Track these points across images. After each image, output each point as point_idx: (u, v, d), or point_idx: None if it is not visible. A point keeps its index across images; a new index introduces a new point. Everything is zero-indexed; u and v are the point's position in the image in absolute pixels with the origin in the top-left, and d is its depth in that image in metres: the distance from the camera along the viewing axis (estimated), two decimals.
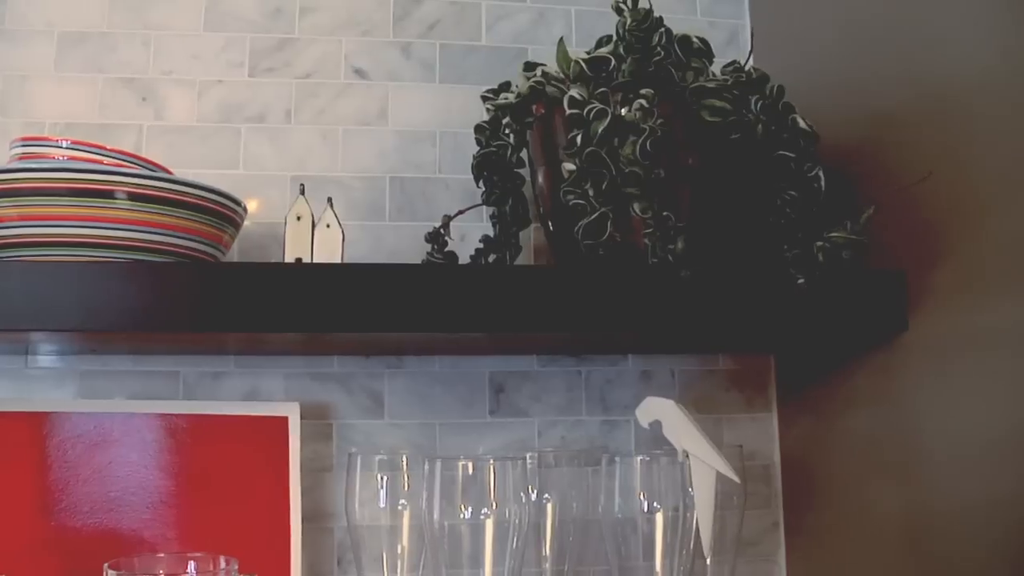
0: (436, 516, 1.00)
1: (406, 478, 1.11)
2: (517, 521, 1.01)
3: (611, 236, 0.97)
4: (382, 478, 1.12)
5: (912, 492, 1.08)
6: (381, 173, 1.33)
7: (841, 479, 1.22)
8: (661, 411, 1.07)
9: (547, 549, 1.18)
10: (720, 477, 1.07)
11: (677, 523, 1.08)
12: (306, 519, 1.21)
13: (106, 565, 1.01)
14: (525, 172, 1.17)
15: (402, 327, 0.97)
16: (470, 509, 0.99)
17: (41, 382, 1.25)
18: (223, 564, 1.02)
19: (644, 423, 1.09)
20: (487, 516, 0.99)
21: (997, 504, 0.96)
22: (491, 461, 0.99)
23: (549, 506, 1.17)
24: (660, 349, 1.34)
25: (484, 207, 1.18)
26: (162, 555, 1.09)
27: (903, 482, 1.09)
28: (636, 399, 1.32)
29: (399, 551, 1.12)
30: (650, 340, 1.21)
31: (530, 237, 1.29)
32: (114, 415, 1.22)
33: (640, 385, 1.35)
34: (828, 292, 1.05)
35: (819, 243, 1.01)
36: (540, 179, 1.13)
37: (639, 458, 1.07)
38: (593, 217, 0.97)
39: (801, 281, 1.01)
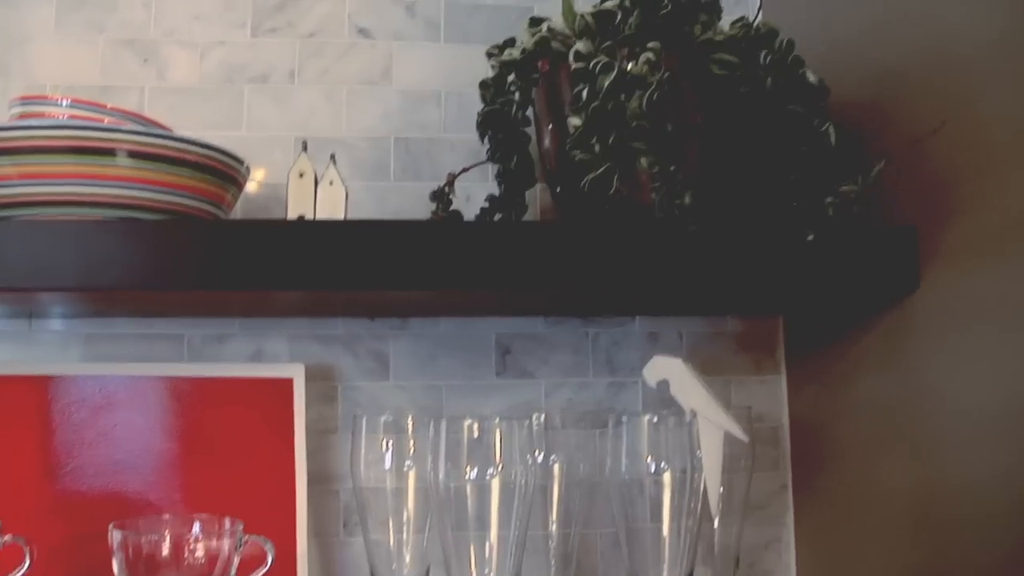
0: (441, 477, 0.99)
1: (412, 440, 1.11)
2: (523, 482, 1.00)
3: (617, 191, 0.96)
4: (387, 440, 1.11)
5: (922, 459, 1.07)
6: (386, 133, 1.31)
7: (850, 443, 1.21)
8: (668, 370, 1.06)
9: (553, 512, 1.17)
10: (728, 438, 1.06)
11: (684, 484, 1.06)
12: (312, 481, 1.21)
13: (111, 525, 1.00)
14: (531, 132, 1.16)
15: (406, 285, 0.96)
16: (476, 470, 0.98)
17: (45, 345, 1.24)
18: (228, 525, 1.02)
19: (651, 382, 1.08)
20: (493, 477, 0.98)
21: (1010, 473, 0.95)
22: (497, 421, 0.98)
23: (555, 468, 1.16)
24: (667, 311, 1.33)
25: (490, 165, 1.17)
26: (167, 516, 1.09)
27: (913, 448, 1.08)
28: (643, 361, 1.30)
29: (405, 513, 1.11)
30: (657, 299, 1.19)
31: (536, 197, 1.27)
32: (119, 378, 1.21)
33: (647, 347, 1.33)
34: (837, 249, 1.03)
35: (829, 198, 0.99)
36: (546, 137, 1.12)
37: (646, 418, 1.05)
38: (599, 172, 0.95)
39: (811, 237, 1.00)
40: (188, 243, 0.94)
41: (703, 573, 1.15)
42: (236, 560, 1.02)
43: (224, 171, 1.03)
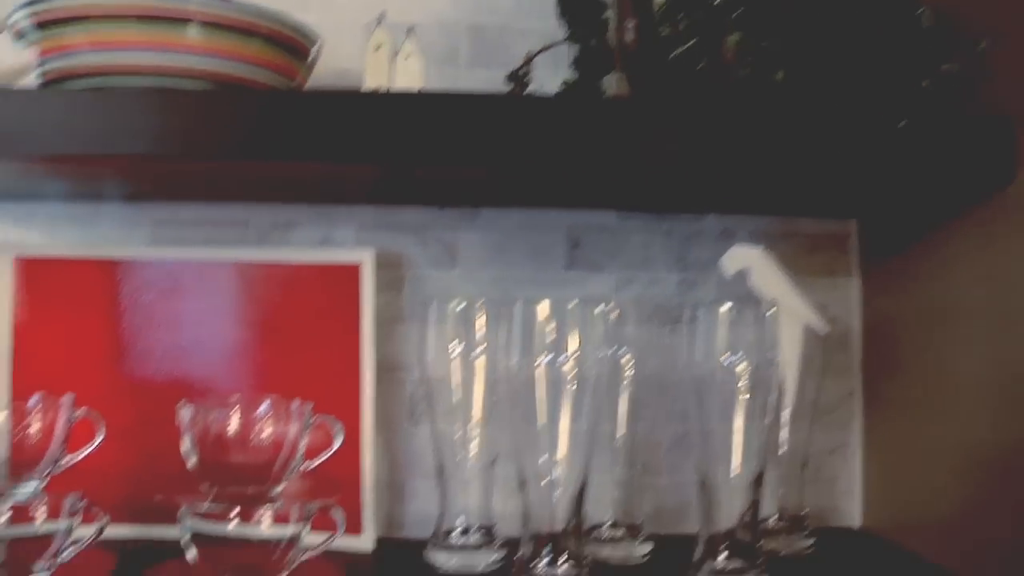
0: (513, 363, 0.97)
1: (482, 327, 1.09)
2: (596, 371, 0.98)
3: (704, 69, 0.93)
4: (457, 327, 1.10)
5: (1003, 367, 1.03)
6: (458, 19, 1.28)
7: (925, 349, 1.18)
8: (749, 259, 1.03)
9: (621, 406, 1.15)
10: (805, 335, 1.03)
11: (759, 380, 1.03)
12: (377, 370, 1.19)
13: (181, 402, 1.00)
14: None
15: (482, 161, 0.93)
16: (549, 356, 0.96)
17: (113, 229, 1.24)
18: (297, 406, 1.01)
19: (730, 272, 1.05)
20: (565, 363, 0.96)
21: None
22: (574, 305, 0.95)
23: (624, 362, 1.14)
24: (741, 208, 1.29)
25: (566, 53, 1.13)
26: (236, 396, 1.08)
27: (994, 356, 1.04)
28: (716, 258, 1.28)
29: (472, 403, 1.10)
30: (732, 194, 1.16)
31: (613, 87, 1.24)
32: (186, 262, 1.20)
33: (720, 244, 1.30)
34: (927, 138, 0.99)
35: (926, 80, 0.95)
36: (626, 23, 1.08)
37: (725, 307, 1.01)
38: (686, 47, 0.92)
39: (903, 123, 0.96)
40: (261, 113, 0.92)
41: (770, 475, 1.13)
42: (304, 441, 1.01)
43: (295, 45, 1.00)
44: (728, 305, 1.01)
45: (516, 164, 0.93)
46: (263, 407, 1.00)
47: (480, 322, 1.09)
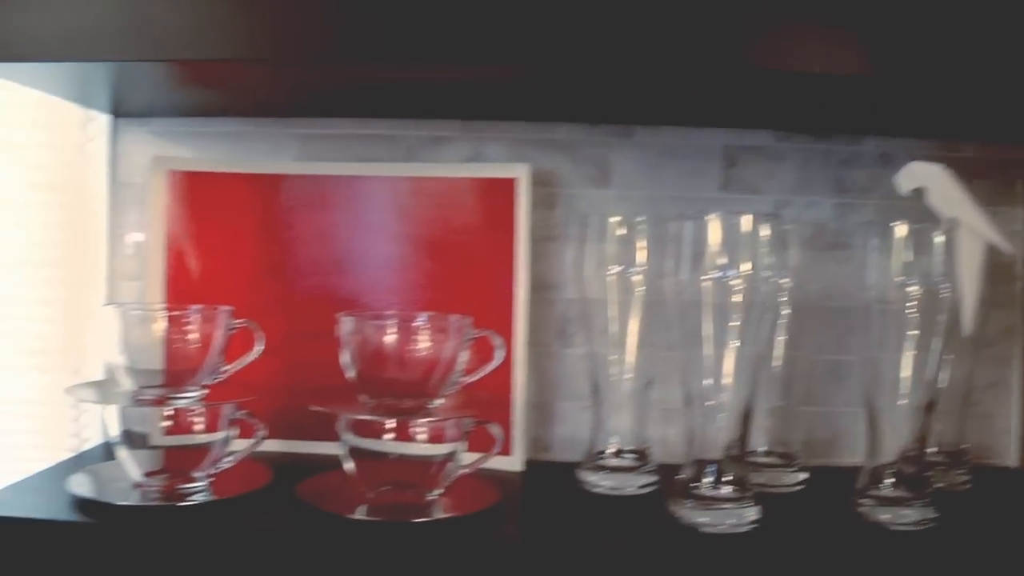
0: (681, 280, 0.94)
1: (642, 245, 1.06)
2: (764, 291, 0.94)
3: None
4: (616, 245, 1.07)
5: None
6: None
7: None
8: (927, 176, 0.98)
9: (780, 331, 1.12)
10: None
11: (932, 306, 0.98)
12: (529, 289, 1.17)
13: (341, 314, 0.99)
14: None
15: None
16: (717, 274, 0.93)
17: (263, 143, 1.23)
18: (456, 320, 0.99)
19: (905, 189, 1.00)
20: (733, 279, 0.93)
21: None
22: (747, 216, 0.92)
23: (784, 285, 1.10)
24: (901, 131, 1.24)
25: None
26: (393, 311, 1.07)
27: None
28: (873, 182, 1.23)
29: (630, 323, 1.07)
30: (892, 113, 1.11)
31: None
32: (336, 178, 1.19)
33: (878, 167, 1.25)
34: None
35: None
36: None
37: (901, 228, 0.96)
38: None
39: None
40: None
41: None
42: (463, 356, 0.99)
43: None
44: (904, 226, 0.96)
45: (673, 74, 0.89)
46: (421, 320, 0.99)
47: (639, 238, 1.06)
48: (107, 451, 1.19)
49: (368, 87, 1.06)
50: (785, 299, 1.09)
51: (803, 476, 1.12)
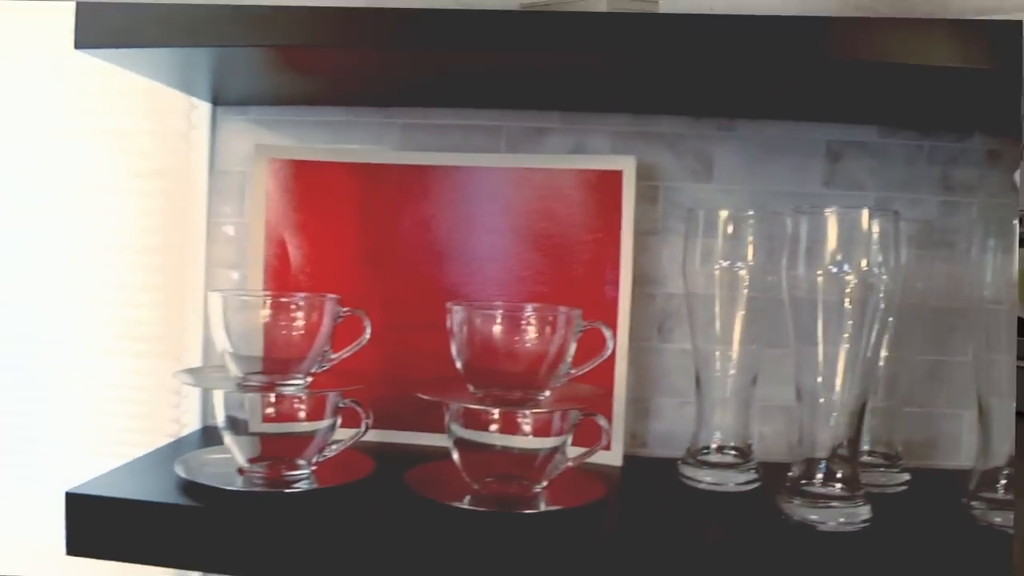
0: (797, 274, 0.93)
1: (750, 239, 1.05)
2: (878, 286, 0.93)
3: None
4: (722, 239, 1.06)
5: None
6: None
7: None
8: None
9: (886, 330, 1.10)
10: None
11: None
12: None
13: (450, 304, 0.99)
14: None
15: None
16: (832, 269, 0.92)
17: (364, 132, 1.23)
18: (565, 311, 0.99)
19: None
20: (850, 273, 0.91)
21: None
22: (866, 210, 0.90)
23: (891, 283, 1.08)
24: (1009, 128, 1.21)
25: None
26: (500, 302, 1.06)
27: None
28: (981, 180, 1.21)
29: (736, 317, 1.06)
30: (1001, 109, 1.09)
31: None
32: (438, 168, 1.19)
33: (986, 166, 1.23)
34: None
35: None
36: None
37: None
38: None
39: None
40: None
41: None
42: (572, 347, 0.99)
43: None
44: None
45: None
46: (530, 311, 0.98)
47: (749, 235, 1.05)
48: (206, 437, 1.20)
49: (467, 76, 1.06)
50: (894, 298, 1.08)
51: (906, 477, 1.11)
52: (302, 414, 1.00)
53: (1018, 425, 0.98)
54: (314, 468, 1.02)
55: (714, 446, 1.08)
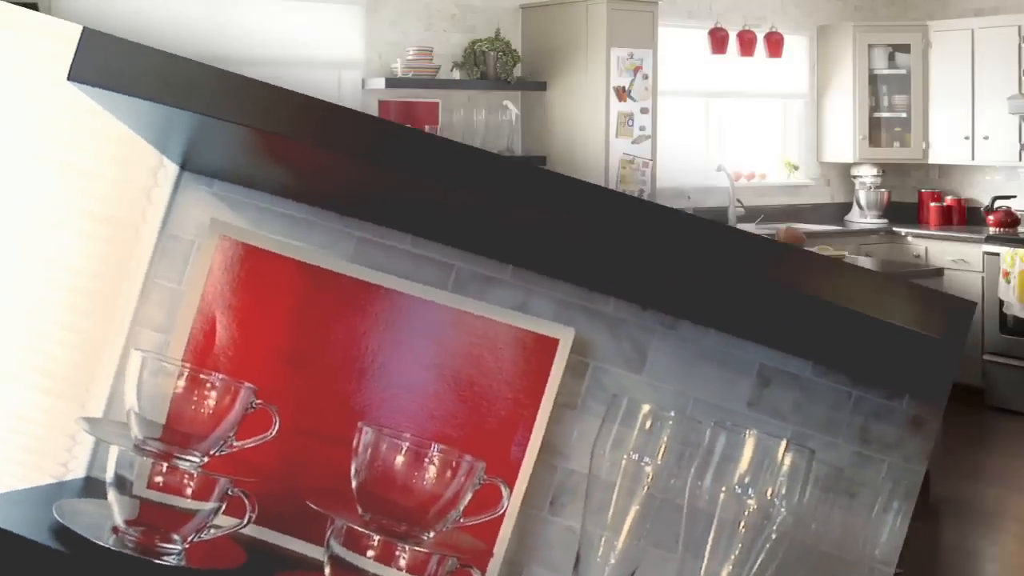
0: (706, 484, 0.94)
1: (665, 439, 1.05)
2: (780, 521, 0.94)
3: None
4: (637, 432, 1.06)
5: None
6: None
7: None
8: None
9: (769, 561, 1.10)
10: None
11: None
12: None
13: (362, 423, 0.99)
14: None
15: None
16: (740, 489, 0.93)
17: (321, 235, 1.24)
18: (469, 460, 0.99)
19: None
20: (752, 498, 0.93)
21: None
22: (784, 442, 0.92)
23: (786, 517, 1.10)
24: (936, 399, 1.24)
25: None
26: (408, 435, 1.06)
27: None
28: (899, 442, 1.23)
29: (630, 509, 1.06)
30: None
31: None
32: (381, 288, 1.19)
33: (907, 429, 1.25)
34: None
35: None
36: None
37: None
38: None
39: None
40: None
41: None
42: (468, 496, 0.99)
43: None
44: None
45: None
46: (436, 451, 0.98)
47: (665, 432, 1.05)
48: (88, 487, 1.17)
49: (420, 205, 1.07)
50: (788, 533, 1.09)
51: None
52: (189, 491, 0.99)
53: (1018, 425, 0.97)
54: (187, 546, 1.00)
55: None
